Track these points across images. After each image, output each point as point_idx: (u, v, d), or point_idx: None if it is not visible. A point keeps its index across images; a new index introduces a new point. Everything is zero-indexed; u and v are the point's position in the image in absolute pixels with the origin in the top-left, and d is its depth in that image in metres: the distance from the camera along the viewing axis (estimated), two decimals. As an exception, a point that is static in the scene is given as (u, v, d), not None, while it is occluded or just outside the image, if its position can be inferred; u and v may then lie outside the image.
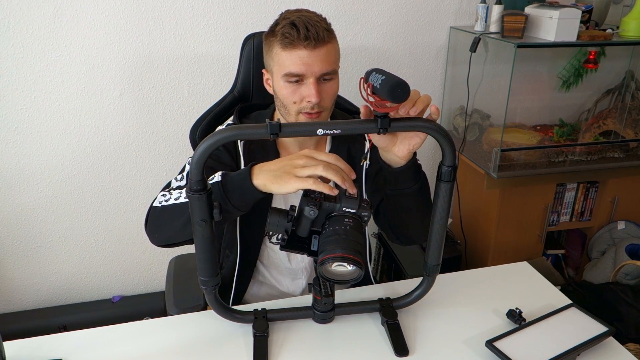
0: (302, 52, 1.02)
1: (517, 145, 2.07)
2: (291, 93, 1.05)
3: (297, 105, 1.07)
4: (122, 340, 1.01)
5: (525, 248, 2.19)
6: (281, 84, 1.06)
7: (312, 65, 1.02)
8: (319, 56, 1.02)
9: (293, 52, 1.02)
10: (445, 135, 0.84)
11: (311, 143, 1.20)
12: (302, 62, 1.02)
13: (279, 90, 1.08)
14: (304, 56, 1.02)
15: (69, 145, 1.92)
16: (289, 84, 1.05)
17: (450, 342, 1.01)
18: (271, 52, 1.07)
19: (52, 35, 1.76)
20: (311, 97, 1.04)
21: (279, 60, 1.05)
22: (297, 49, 1.02)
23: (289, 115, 1.09)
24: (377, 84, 0.78)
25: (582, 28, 1.87)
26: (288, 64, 1.03)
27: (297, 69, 1.03)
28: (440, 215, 0.94)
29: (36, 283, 2.10)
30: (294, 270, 1.25)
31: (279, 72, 1.05)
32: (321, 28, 1.02)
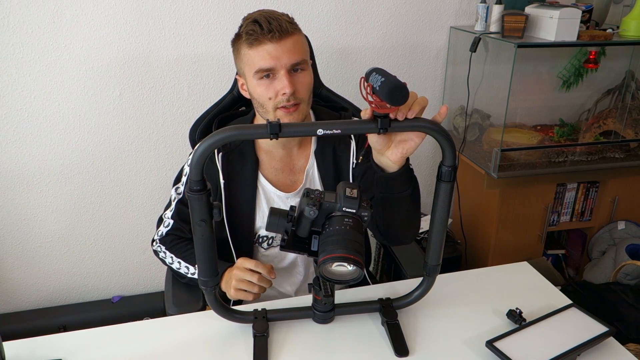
0: (268, 46, 1.02)
1: (517, 145, 2.07)
2: (265, 90, 1.05)
3: (272, 100, 1.06)
4: (122, 340, 1.01)
5: (525, 248, 2.19)
6: (254, 82, 1.06)
7: (280, 58, 1.03)
8: (285, 47, 1.03)
9: (259, 47, 1.02)
10: (445, 135, 0.84)
11: (294, 144, 1.19)
12: (270, 56, 1.02)
13: (253, 90, 1.08)
14: (271, 50, 1.02)
15: (69, 145, 1.92)
16: (262, 81, 1.05)
17: (450, 342, 1.01)
18: (240, 55, 1.07)
19: (52, 35, 1.76)
20: (284, 88, 1.03)
21: (248, 60, 1.05)
22: (263, 44, 1.02)
23: (267, 114, 1.09)
24: (376, 85, 0.78)
25: (583, 28, 1.87)
26: (257, 61, 1.03)
27: (266, 64, 1.03)
28: (440, 215, 0.94)
29: (36, 283, 2.11)
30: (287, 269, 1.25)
31: (250, 71, 1.06)
32: (283, 21, 1.03)
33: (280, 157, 1.19)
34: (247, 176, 1.17)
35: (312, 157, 1.21)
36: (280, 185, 1.19)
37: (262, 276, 1.09)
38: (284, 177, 1.20)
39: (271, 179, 1.19)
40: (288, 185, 1.20)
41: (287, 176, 1.20)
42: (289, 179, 1.20)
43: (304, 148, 1.22)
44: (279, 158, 1.20)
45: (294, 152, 1.20)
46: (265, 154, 1.19)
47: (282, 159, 1.20)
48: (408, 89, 0.75)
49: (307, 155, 1.21)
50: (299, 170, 1.21)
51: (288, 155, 1.20)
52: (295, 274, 1.27)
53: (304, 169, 1.21)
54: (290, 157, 1.20)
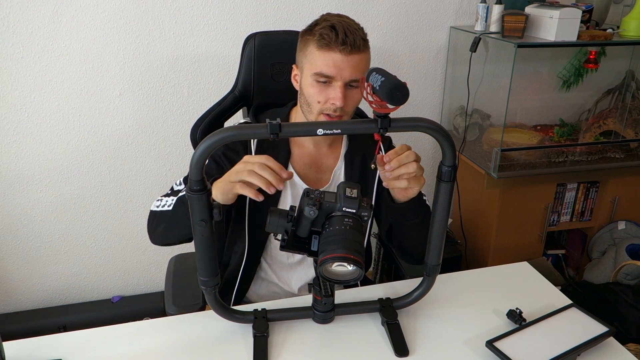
0: (336, 55, 1.04)
1: (517, 145, 2.07)
2: (317, 92, 1.08)
3: (320, 105, 1.09)
4: (122, 340, 1.01)
5: (525, 248, 2.19)
6: (309, 81, 1.08)
7: (343, 70, 1.05)
8: (351, 62, 1.05)
9: (327, 53, 1.05)
10: (445, 135, 0.84)
11: (325, 142, 1.21)
12: (334, 64, 1.05)
13: (306, 87, 1.10)
14: (337, 60, 1.04)
15: (69, 145, 1.92)
16: (317, 84, 1.07)
17: (450, 343, 1.01)
18: (305, 50, 1.09)
19: (52, 35, 1.76)
20: (336, 100, 1.06)
21: (312, 59, 1.07)
22: (332, 52, 1.04)
23: (311, 114, 1.11)
24: (376, 84, 0.78)
25: (583, 28, 1.87)
26: (320, 64, 1.05)
27: (328, 71, 1.05)
28: (440, 215, 0.94)
29: (36, 283, 2.10)
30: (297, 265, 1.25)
31: (310, 70, 1.08)
32: (359, 36, 1.05)
33: (310, 152, 1.21)
34: None
35: (342, 159, 1.23)
36: (306, 180, 1.20)
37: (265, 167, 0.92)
38: (311, 173, 1.21)
39: (299, 172, 1.20)
40: (313, 181, 1.21)
41: (314, 173, 1.22)
42: (315, 176, 1.22)
43: (334, 148, 1.23)
44: (309, 153, 1.21)
45: (324, 150, 1.22)
46: (298, 147, 1.21)
47: (311, 155, 1.21)
48: (408, 89, 0.76)
49: (336, 156, 1.23)
50: (325, 169, 1.22)
51: (317, 153, 1.22)
52: (305, 270, 1.27)
53: (331, 168, 1.22)
54: (320, 154, 1.22)
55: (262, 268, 1.27)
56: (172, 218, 1.08)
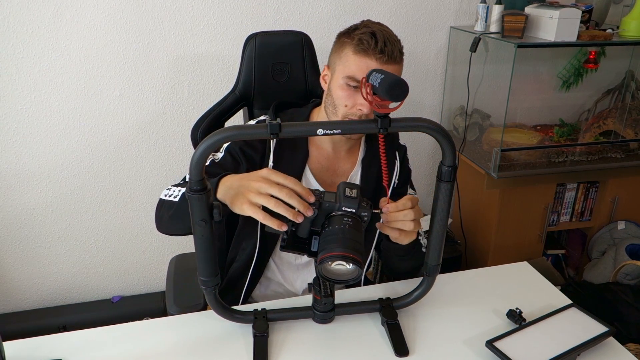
0: (371, 62, 1.04)
1: (517, 145, 2.07)
2: (346, 96, 1.08)
3: (347, 109, 1.09)
4: (122, 340, 1.01)
5: (525, 248, 2.19)
6: (340, 83, 1.08)
7: None
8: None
9: (363, 59, 1.05)
10: (445, 135, 0.84)
11: (344, 146, 1.21)
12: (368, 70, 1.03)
13: (336, 89, 1.10)
14: (372, 66, 1.04)
15: (69, 145, 1.92)
16: (348, 87, 1.07)
17: (450, 342, 1.01)
18: (341, 52, 1.09)
19: (52, 35, 1.76)
20: (364, 107, 1.06)
21: (346, 62, 1.07)
22: (368, 58, 1.04)
23: (335, 116, 1.11)
24: (376, 83, 0.78)
25: (582, 28, 1.87)
26: (354, 69, 1.05)
27: (361, 76, 1.04)
28: (440, 215, 0.94)
29: (36, 283, 2.11)
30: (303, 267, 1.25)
31: (342, 72, 1.07)
32: (397, 48, 1.06)
33: (328, 155, 1.21)
34: (296, 165, 1.18)
35: (359, 164, 1.22)
36: (321, 182, 1.20)
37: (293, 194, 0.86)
38: (327, 176, 1.21)
39: (316, 174, 1.20)
40: (328, 184, 1.21)
41: (330, 176, 1.21)
42: (331, 179, 1.21)
43: (351, 153, 1.23)
44: (327, 156, 1.21)
45: (342, 154, 1.22)
46: (316, 148, 1.20)
47: (329, 158, 1.21)
48: (407, 84, 0.76)
49: (353, 162, 1.23)
50: (341, 174, 1.22)
51: (335, 156, 1.21)
52: (311, 272, 1.27)
53: (347, 173, 1.22)
54: (337, 158, 1.22)
55: (269, 268, 1.26)
56: (177, 210, 1.04)
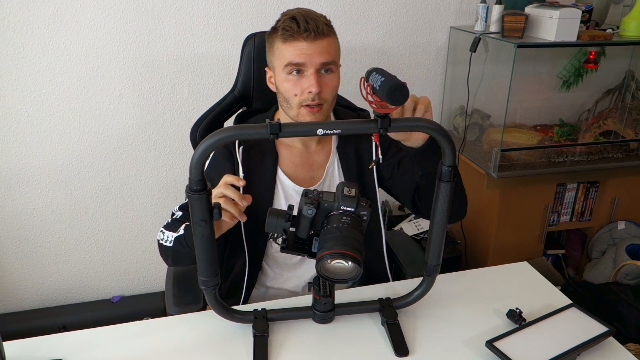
0: (302, 44, 1.05)
1: (517, 145, 2.07)
2: (292, 86, 1.08)
3: (298, 97, 1.09)
4: (122, 340, 1.01)
5: (525, 248, 2.19)
6: (282, 77, 1.09)
7: (311, 56, 1.05)
8: (318, 47, 1.06)
9: (293, 43, 1.05)
10: (445, 135, 0.84)
11: (313, 139, 1.21)
12: (302, 52, 1.05)
13: (281, 84, 1.10)
14: (304, 47, 1.05)
15: (69, 145, 1.92)
16: (290, 77, 1.08)
17: (450, 342, 1.01)
18: (272, 48, 1.10)
19: (52, 35, 1.76)
20: (311, 87, 1.06)
21: (280, 54, 1.08)
22: (297, 41, 1.05)
23: (291, 110, 1.11)
24: (376, 84, 0.78)
25: (582, 28, 1.87)
26: (288, 56, 1.06)
27: (297, 59, 1.06)
28: (440, 215, 0.94)
29: (36, 283, 2.11)
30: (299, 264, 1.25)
31: (280, 65, 1.08)
32: (320, 22, 1.07)
33: (300, 152, 1.21)
34: (266, 170, 1.18)
35: (334, 153, 1.22)
36: (299, 180, 1.20)
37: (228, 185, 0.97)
38: (304, 172, 1.21)
39: (290, 173, 1.20)
40: (307, 180, 1.21)
41: (307, 172, 1.21)
42: (308, 175, 1.21)
43: (324, 144, 1.23)
44: (299, 153, 1.21)
45: (313, 147, 1.22)
46: (285, 148, 1.20)
47: (301, 154, 1.21)
48: (408, 89, 0.76)
49: (327, 151, 1.23)
50: (318, 166, 1.22)
51: (307, 151, 1.21)
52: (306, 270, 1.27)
53: (323, 165, 1.22)
54: (310, 152, 1.21)
55: (264, 273, 1.26)
56: (174, 255, 1.12)
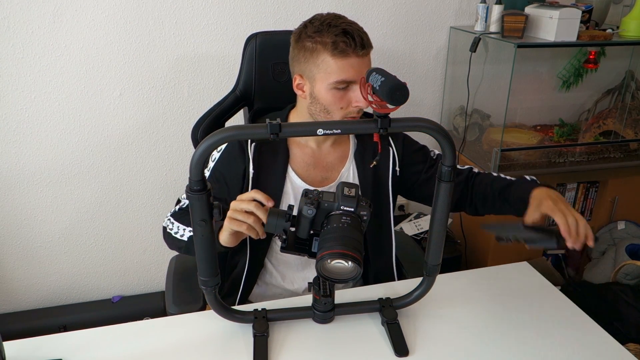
0: (353, 60, 1.05)
1: (517, 145, 2.07)
2: (339, 99, 1.09)
3: (343, 110, 1.10)
4: (122, 340, 1.01)
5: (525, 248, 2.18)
6: (327, 89, 1.08)
7: (361, 72, 1.06)
8: (366, 62, 1.08)
9: (346, 59, 1.05)
10: (445, 135, 0.84)
11: (328, 141, 1.21)
12: (353, 69, 1.06)
13: (324, 96, 1.09)
14: (355, 64, 1.06)
15: (69, 145, 1.92)
16: (337, 91, 1.08)
17: (450, 342, 1.01)
18: (316, 59, 1.07)
19: (52, 35, 1.76)
20: (360, 102, 1.08)
21: (328, 68, 1.06)
22: (350, 57, 1.05)
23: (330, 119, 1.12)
24: (376, 84, 0.78)
25: (582, 28, 1.87)
26: (341, 72, 1.06)
27: (349, 77, 1.06)
28: (440, 215, 0.94)
29: (36, 283, 2.11)
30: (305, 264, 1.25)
31: (327, 79, 1.07)
32: (366, 36, 1.07)
33: (312, 151, 1.20)
34: (277, 168, 1.18)
35: (351, 160, 1.22)
36: (310, 180, 1.19)
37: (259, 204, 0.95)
38: (315, 172, 1.20)
39: (301, 173, 1.19)
40: (318, 181, 1.20)
41: (319, 172, 1.21)
42: (320, 175, 1.21)
43: (338, 145, 1.22)
44: (311, 153, 1.20)
45: (327, 148, 1.21)
46: (298, 147, 1.20)
47: (313, 154, 1.20)
48: (408, 89, 0.76)
49: (341, 154, 1.22)
50: (331, 168, 1.21)
51: (320, 151, 1.21)
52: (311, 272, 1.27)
53: (337, 167, 1.21)
54: (322, 153, 1.21)
55: (267, 270, 1.26)
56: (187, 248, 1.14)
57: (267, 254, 1.24)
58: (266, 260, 1.25)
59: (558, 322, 1.06)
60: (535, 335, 1.02)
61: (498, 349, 0.99)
